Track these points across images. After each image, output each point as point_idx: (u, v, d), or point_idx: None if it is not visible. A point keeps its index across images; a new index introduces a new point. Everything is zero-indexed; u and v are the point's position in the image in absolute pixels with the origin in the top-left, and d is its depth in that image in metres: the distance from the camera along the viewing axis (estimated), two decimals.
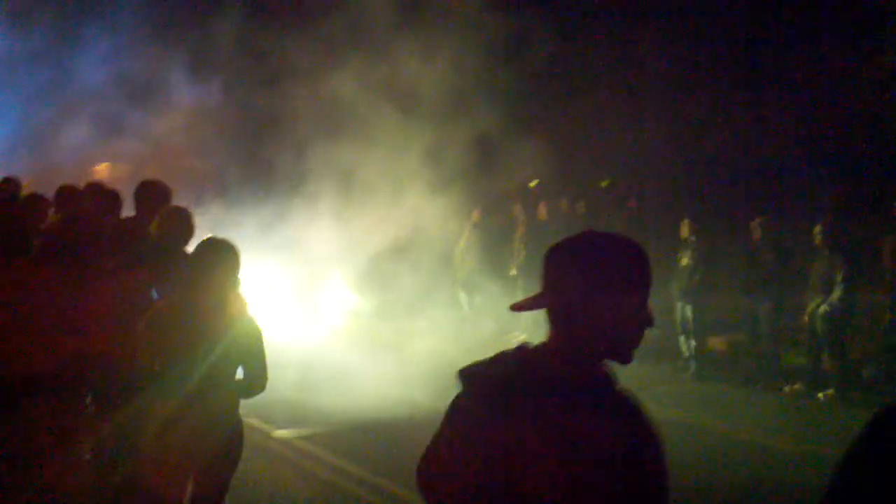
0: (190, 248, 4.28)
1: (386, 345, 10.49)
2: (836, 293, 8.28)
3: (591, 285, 1.69)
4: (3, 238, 4.21)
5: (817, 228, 8.54)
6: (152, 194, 5.25)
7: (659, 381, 9.00)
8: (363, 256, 11.31)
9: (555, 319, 1.76)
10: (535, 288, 1.82)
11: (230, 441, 3.76)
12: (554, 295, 1.74)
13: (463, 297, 12.22)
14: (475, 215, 11.95)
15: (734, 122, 12.49)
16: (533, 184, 12.77)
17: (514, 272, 11.54)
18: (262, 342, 3.84)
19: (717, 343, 10.11)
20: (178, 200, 5.40)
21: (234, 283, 3.90)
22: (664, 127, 13.43)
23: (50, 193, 6.58)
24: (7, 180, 7.92)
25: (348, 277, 12.27)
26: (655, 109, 13.80)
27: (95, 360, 4.06)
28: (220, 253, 3.75)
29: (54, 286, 4.08)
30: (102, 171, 16.20)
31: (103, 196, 6.09)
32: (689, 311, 9.46)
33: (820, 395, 8.37)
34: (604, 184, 13.40)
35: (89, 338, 4.02)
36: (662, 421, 1.93)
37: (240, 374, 3.86)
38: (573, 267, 1.72)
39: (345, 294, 12.38)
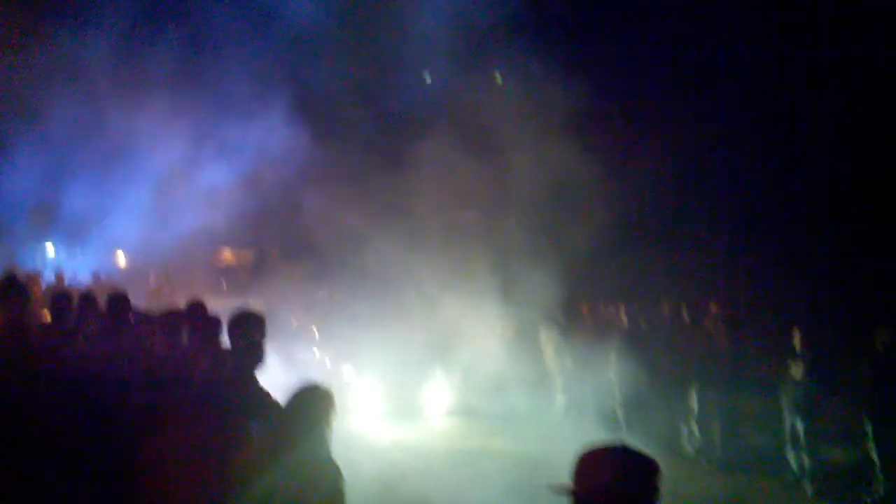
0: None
1: (476, 449, 10.42)
2: None
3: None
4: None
5: None
6: (253, 325, 4.33)
7: (772, 499, 8.58)
8: (466, 355, 11.42)
9: None
10: None
11: None
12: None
13: (560, 398, 12.12)
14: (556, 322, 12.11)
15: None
16: None
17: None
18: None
19: (833, 457, 9.50)
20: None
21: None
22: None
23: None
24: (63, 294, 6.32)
25: (449, 377, 12.31)
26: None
27: None
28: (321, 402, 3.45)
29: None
30: (227, 256, 16.54)
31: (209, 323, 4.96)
32: (799, 423, 9.02)
33: None
34: None
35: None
36: None
37: None
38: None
39: (443, 393, 12.39)
